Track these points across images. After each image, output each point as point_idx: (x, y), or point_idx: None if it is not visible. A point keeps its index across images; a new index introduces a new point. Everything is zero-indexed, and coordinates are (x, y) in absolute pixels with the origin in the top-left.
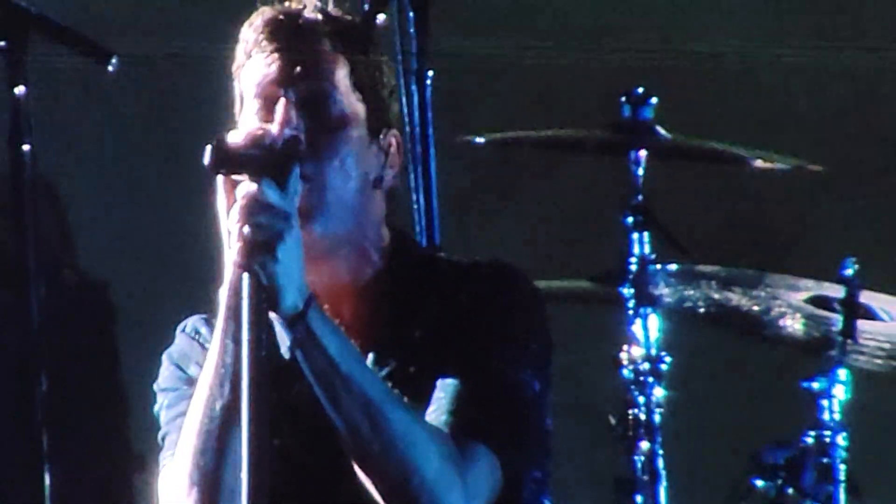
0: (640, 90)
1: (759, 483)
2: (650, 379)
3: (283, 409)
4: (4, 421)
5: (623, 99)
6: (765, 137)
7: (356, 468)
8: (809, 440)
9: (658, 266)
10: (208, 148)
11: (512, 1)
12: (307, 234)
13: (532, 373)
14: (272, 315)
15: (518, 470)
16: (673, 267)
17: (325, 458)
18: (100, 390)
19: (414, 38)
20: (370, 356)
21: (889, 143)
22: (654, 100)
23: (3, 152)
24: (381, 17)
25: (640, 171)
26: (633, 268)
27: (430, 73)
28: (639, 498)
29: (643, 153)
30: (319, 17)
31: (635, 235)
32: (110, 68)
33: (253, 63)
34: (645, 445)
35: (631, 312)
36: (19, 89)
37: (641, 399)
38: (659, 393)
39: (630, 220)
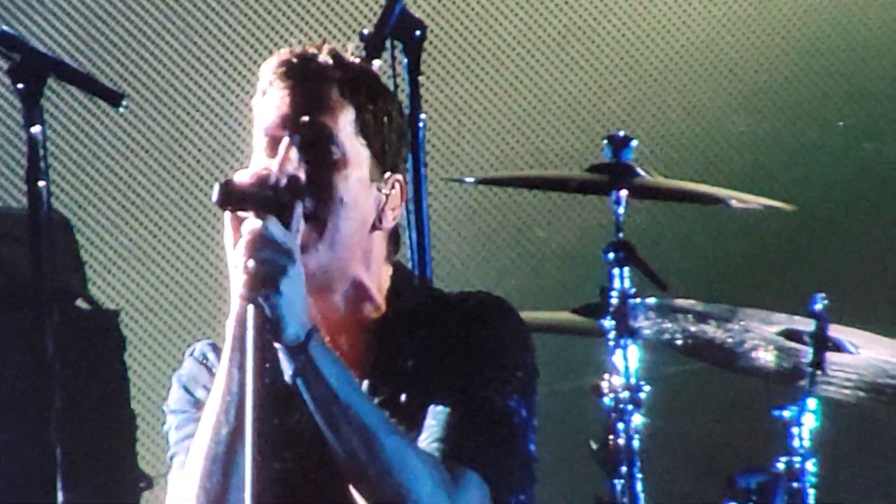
0: (622, 133)
1: None
2: (629, 406)
3: (286, 434)
4: (21, 439)
5: (605, 142)
6: (740, 179)
7: (353, 491)
8: (781, 466)
9: (638, 300)
10: (216, 185)
11: (499, 50)
12: (304, 268)
13: (519, 399)
14: (276, 345)
15: (505, 494)
16: (652, 301)
17: (324, 481)
18: (110, 411)
19: (407, 84)
20: (365, 384)
21: (855, 186)
22: (634, 142)
23: (21, 188)
24: (375, 64)
25: (621, 210)
26: (614, 301)
27: (423, 117)
28: None
29: (624, 193)
30: (331, 61)
31: (616, 271)
32: (121, 108)
33: (265, 101)
34: (624, 469)
35: (612, 343)
36: (36, 129)
37: (621, 425)
38: (638, 420)
39: (611, 256)
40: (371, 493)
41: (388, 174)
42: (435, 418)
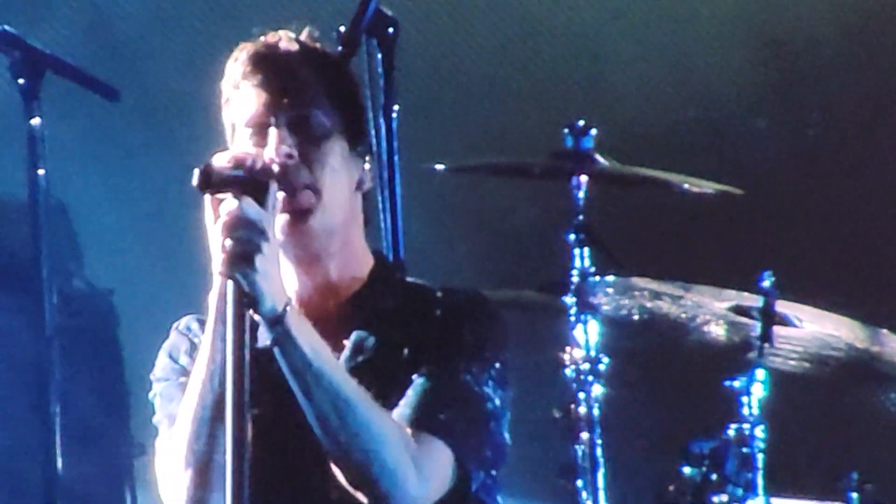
0: (581, 122)
1: (687, 470)
2: (590, 378)
3: (265, 401)
4: (23, 410)
5: (566, 130)
6: (693, 165)
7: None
8: (731, 432)
9: (597, 278)
10: (196, 170)
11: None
12: (308, 231)
13: (493, 388)
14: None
15: (471, 467)
16: (610, 279)
17: (300, 444)
18: (105, 384)
19: (381, 77)
20: (345, 352)
21: (800, 171)
22: (593, 131)
23: (22, 176)
24: (351, 59)
25: (581, 195)
26: (575, 279)
27: (396, 108)
28: (580, 482)
29: (584, 178)
30: (296, 46)
31: (577, 251)
32: (115, 102)
33: (241, 95)
34: (585, 436)
35: (573, 319)
36: (35, 121)
37: (582, 395)
38: (598, 390)
39: (572, 237)
40: (341, 455)
41: (361, 139)
42: (413, 390)
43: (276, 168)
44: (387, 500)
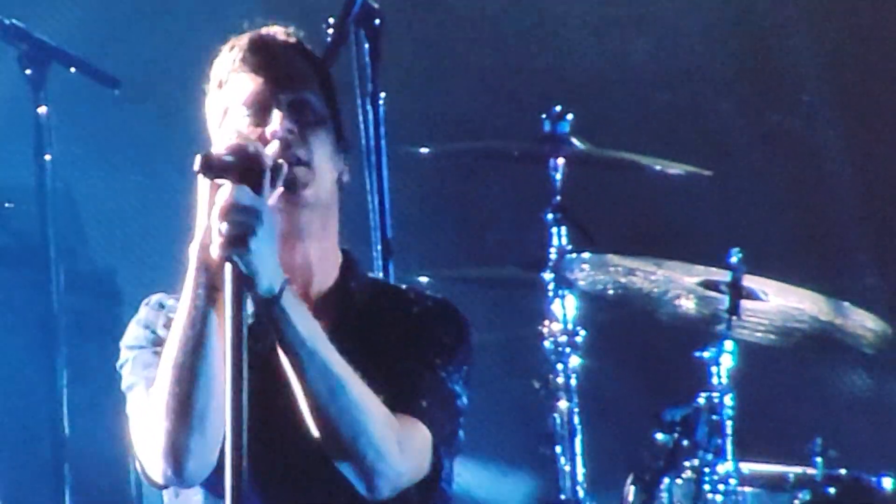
0: (558, 108)
1: (660, 436)
2: (567, 349)
3: (260, 376)
4: (33, 380)
5: (544, 116)
6: (664, 146)
7: (314, 428)
8: (702, 400)
9: (573, 255)
10: (197, 157)
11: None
12: (300, 202)
13: (462, 388)
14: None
15: (442, 457)
16: (586, 256)
17: (283, 421)
18: (107, 357)
19: (369, 66)
20: (332, 327)
21: (764, 153)
22: (569, 116)
23: (29, 162)
24: (341, 49)
25: (559, 176)
26: (553, 257)
27: (383, 95)
28: (558, 448)
29: (561, 161)
30: (292, 39)
31: (554, 230)
32: (117, 91)
33: (238, 78)
34: (564, 405)
35: (551, 294)
36: (42, 109)
37: (560, 366)
38: (575, 361)
39: (550, 216)
40: (330, 430)
41: (342, 136)
42: (394, 377)
43: (275, 146)
44: (371, 473)
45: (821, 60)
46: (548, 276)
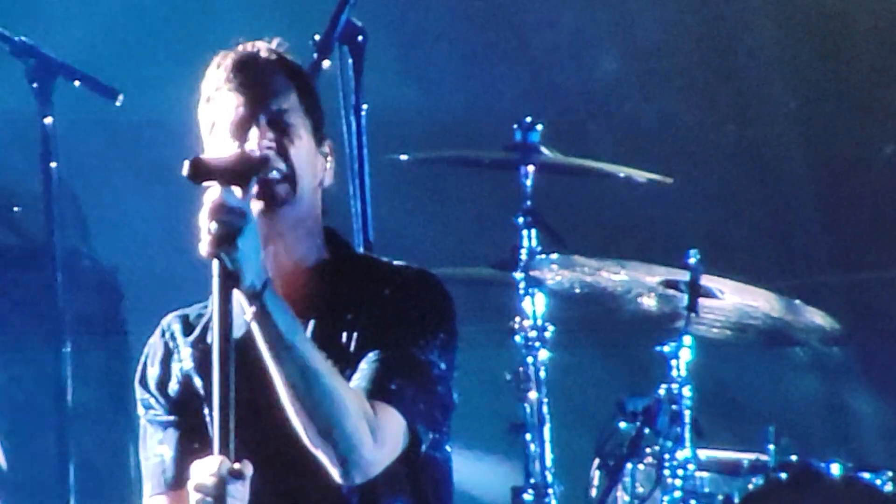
0: (529, 119)
1: (623, 425)
2: (537, 344)
3: (242, 387)
4: (37, 375)
5: (515, 126)
6: (628, 154)
7: (291, 418)
8: (662, 391)
9: (543, 256)
10: (186, 162)
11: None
12: (280, 218)
13: (439, 355)
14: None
15: (419, 431)
16: (554, 257)
17: (270, 406)
18: (110, 353)
19: (352, 79)
20: (311, 323)
21: (722, 161)
22: (539, 126)
23: (36, 169)
24: (325, 63)
25: (529, 183)
26: (524, 257)
27: (365, 106)
28: (528, 436)
29: (531, 168)
30: (273, 56)
31: (525, 232)
32: (117, 102)
33: (223, 96)
34: (533, 395)
35: (521, 292)
36: (48, 120)
37: (530, 359)
38: (544, 355)
39: (521, 220)
40: (306, 421)
41: (324, 140)
42: (367, 363)
43: (257, 156)
44: (344, 463)
45: (782, 71)
46: (519, 275)
